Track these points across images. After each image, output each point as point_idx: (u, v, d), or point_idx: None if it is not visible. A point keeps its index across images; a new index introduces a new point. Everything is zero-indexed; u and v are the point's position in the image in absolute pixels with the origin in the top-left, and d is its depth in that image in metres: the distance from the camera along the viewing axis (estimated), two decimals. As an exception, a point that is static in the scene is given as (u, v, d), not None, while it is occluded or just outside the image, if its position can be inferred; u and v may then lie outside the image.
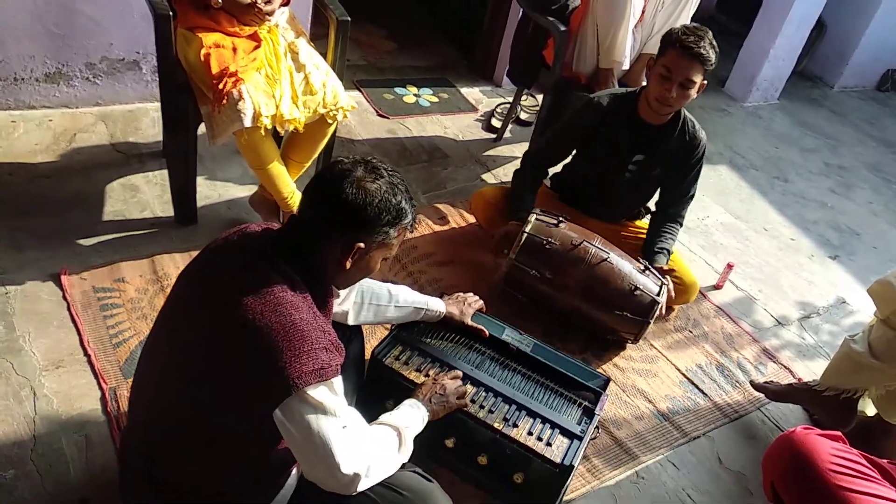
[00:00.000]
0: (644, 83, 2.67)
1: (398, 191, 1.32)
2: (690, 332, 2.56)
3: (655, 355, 2.43)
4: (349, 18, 2.40)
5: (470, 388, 1.73)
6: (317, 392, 1.22)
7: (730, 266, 2.82)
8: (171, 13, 2.10)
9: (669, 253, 2.47)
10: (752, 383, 2.29)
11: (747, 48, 4.57)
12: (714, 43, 2.20)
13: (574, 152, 2.62)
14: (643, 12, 2.89)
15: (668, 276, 2.35)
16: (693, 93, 2.23)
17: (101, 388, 1.85)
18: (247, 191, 2.66)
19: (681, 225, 2.55)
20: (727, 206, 3.43)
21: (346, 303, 1.69)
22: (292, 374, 1.18)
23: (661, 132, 2.38)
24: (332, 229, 1.30)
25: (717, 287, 2.83)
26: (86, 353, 1.92)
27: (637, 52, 2.95)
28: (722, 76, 4.71)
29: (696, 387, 2.33)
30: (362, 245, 1.30)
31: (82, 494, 1.60)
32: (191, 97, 2.21)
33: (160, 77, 2.25)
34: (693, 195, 2.52)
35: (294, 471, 1.43)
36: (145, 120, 2.94)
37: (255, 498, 1.37)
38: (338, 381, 1.27)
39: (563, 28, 2.86)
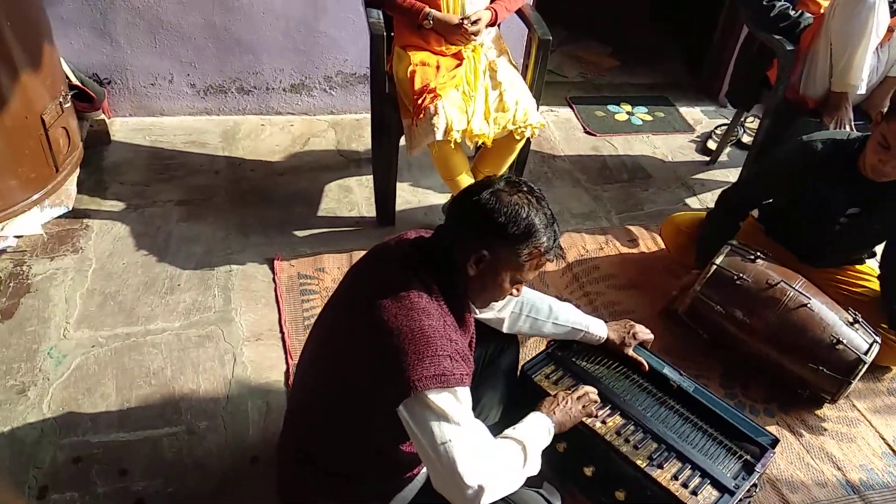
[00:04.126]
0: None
1: (533, 208, 1.33)
2: (908, 398, 2.21)
3: (857, 418, 2.13)
4: (550, 38, 2.43)
5: (594, 394, 1.67)
6: (439, 398, 1.25)
7: (977, 328, 2.37)
8: (384, 33, 2.31)
9: None
10: (978, 472, 1.92)
11: None
12: None
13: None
14: (891, 30, 2.54)
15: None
16: None
17: (287, 362, 2.09)
18: (444, 198, 2.82)
19: None
20: None
21: (504, 310, 1.72)
22: (412, 376, 1.24)
23: (883, 188, 2.06)
24: (463, 233, 1.34)
25: (956, 351, 2.39)
26: (281, 331, 2.19)
27: (882, 75, 2.61)
28: None
29: (904, 463, 2.01)
30: (486, 253, 1.32)
31: (255, 453, 1.84)
32: (395, 109, 2.41)
33: (371, 89, 2.48)
34: None
35: (422, 472, 1.50)
36: (368, 129, 3.22)
37: (381, 487, 1.46)
38: (463, 391, 1.30)
39: (789, 47, 2.61)
